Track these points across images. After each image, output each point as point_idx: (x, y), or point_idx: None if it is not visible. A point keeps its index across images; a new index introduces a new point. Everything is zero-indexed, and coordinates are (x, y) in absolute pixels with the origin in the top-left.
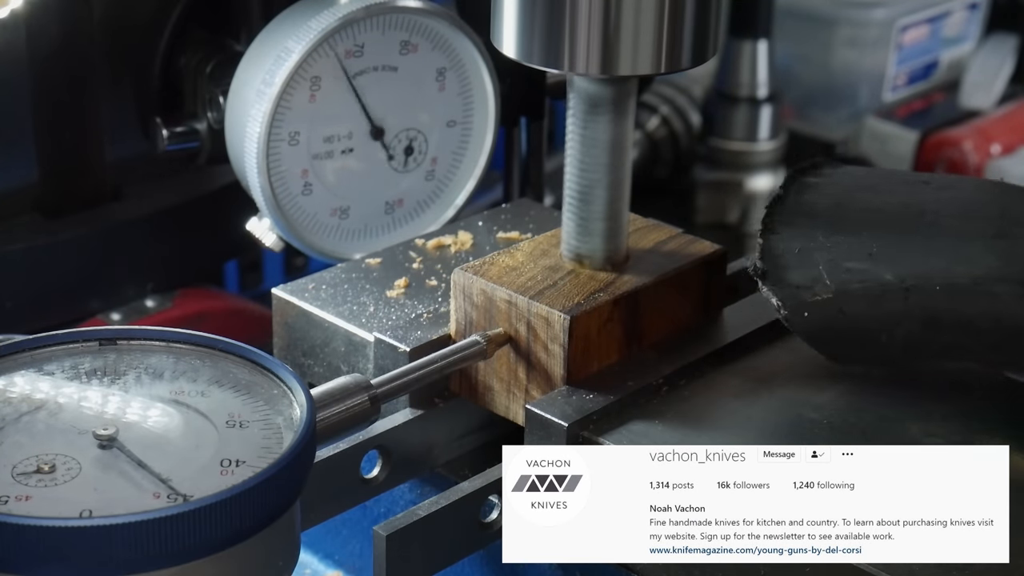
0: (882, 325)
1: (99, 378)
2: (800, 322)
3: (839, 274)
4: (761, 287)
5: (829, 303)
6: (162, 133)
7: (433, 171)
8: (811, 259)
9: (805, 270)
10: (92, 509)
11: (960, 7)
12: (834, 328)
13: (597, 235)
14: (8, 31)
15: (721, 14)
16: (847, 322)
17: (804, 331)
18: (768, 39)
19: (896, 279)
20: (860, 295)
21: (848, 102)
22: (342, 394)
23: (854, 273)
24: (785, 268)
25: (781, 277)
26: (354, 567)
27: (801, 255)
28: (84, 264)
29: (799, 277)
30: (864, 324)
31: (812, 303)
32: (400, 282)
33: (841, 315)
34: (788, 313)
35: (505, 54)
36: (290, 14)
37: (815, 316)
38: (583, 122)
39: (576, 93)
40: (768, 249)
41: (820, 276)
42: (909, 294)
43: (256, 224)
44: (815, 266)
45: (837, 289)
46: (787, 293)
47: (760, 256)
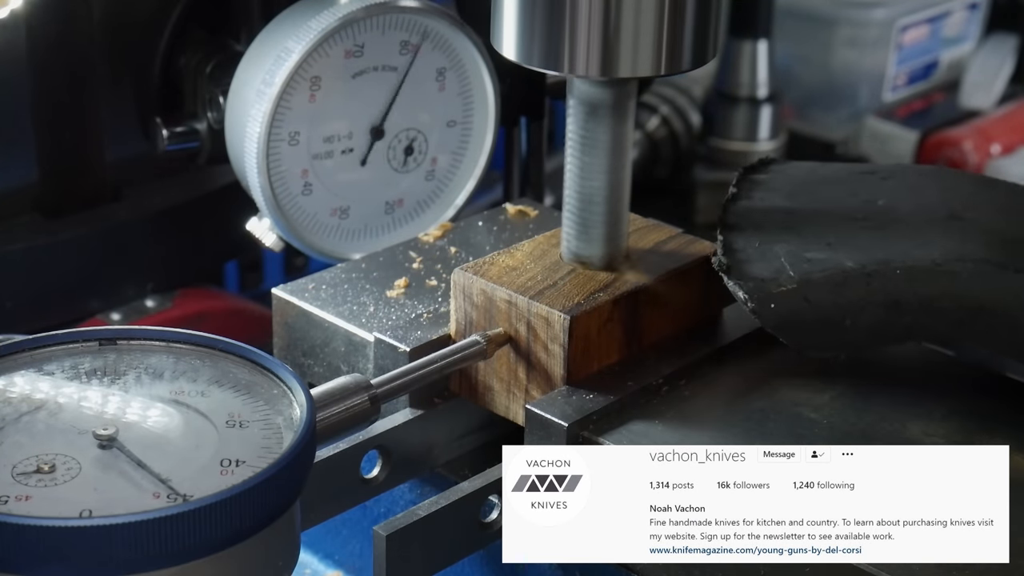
0: (846, 311)
1: (99, 378)
2: (767, 314)
3: (801, 264)
4: (727, 281)
5: (794, 293)
6: (162, 133)
7: (433, 171)
8: (771, 252)
9: (767, 263)
10: (92, 509)
11: (960, 7)
12: (800, 317)
13: (597, 237)
14: (8, 31)
15: (721, 16)
16: (812, 311)
17: (771, 322)
18: (768, 39)
19: (857, 265)
20: (823, 283)
21: (848, 102)
22: (342, 394)
23: (815, 263)
24: (747, 262)
25: (744, 271)
26: (354, 567)
27: (761, 248)
28: (84, 264)
29: (762, 270)
30: (829, 312)
31: (777, 294)
32: (400, 282)
33: (806, 304)
34: (755, 305)
35: (505, 56)
36: (290, 14)
37: (781, 307)
38: (583, 124)
39: (576, 95)
40: (728, 245)
41: (783, 267)
42: (871, 279)
43: (256, 224)
44: (776, 258)
45: (800, 279)
46: (753, 286)
47: (723, 252)
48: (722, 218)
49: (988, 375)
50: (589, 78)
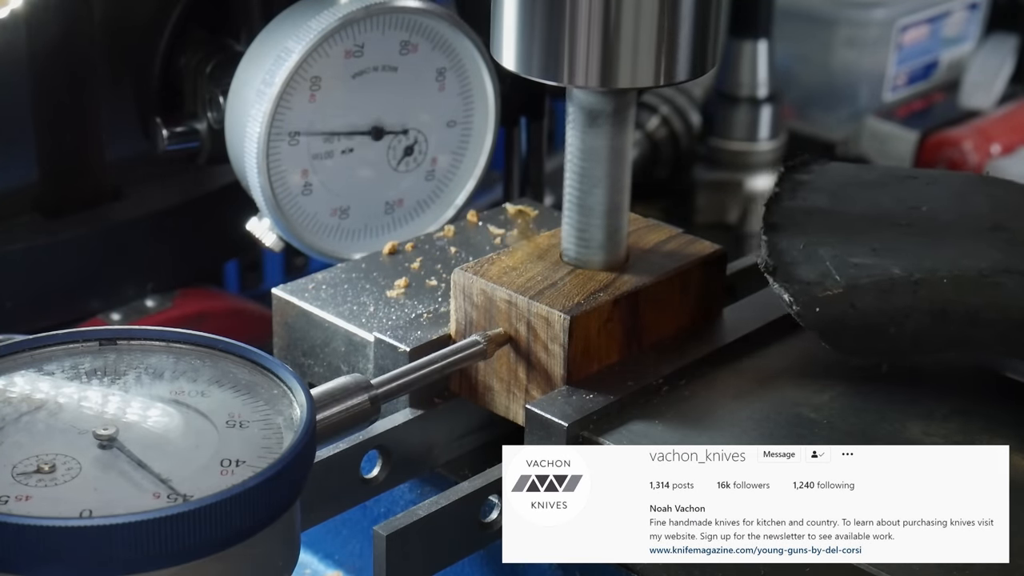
0: (891, 318)
1: (99, 378)
2: (812, 317)
3: (847, 269)
4: (772, 283)
5: (840, 298)
6: (162, 133)
7: (433, 171)
8: (816, 255)
9: (812, 266)
10: (92, 509)
11: (960, 7)
12: (845, 322)
13: (597, 242)
14: (8, 31)
15: (720, 26)
16: (857, 316)
17: (816, 326)
18: (768, 39)
19: (904, 273)
20: (870, 289)
21: (848, 102)
22: (342, 394)
23: (862, 268)
24: (792, 264)
25: (790, 273)
26: (354, 567)
27: (806, 251)
28: (84, 264)
29: (808, 273)
30: (874, 318)
31: (823, 298)
32: (400, 282)
33: (852, 309)
34: (800, 308)
35: (504, 66)
36: (290, 14)
37: (826, 311)
38: (582, 133)
39: (575, 104)
40: (773, 246)
41: (829, 271)
42: (918, 287)
43: (256, 224)
44: (822, 262)
45: (847, 284)
46: (798, 289)
47: (768, 253)
48: (766, 217)
49: (988, 375)
50: (588, 88)
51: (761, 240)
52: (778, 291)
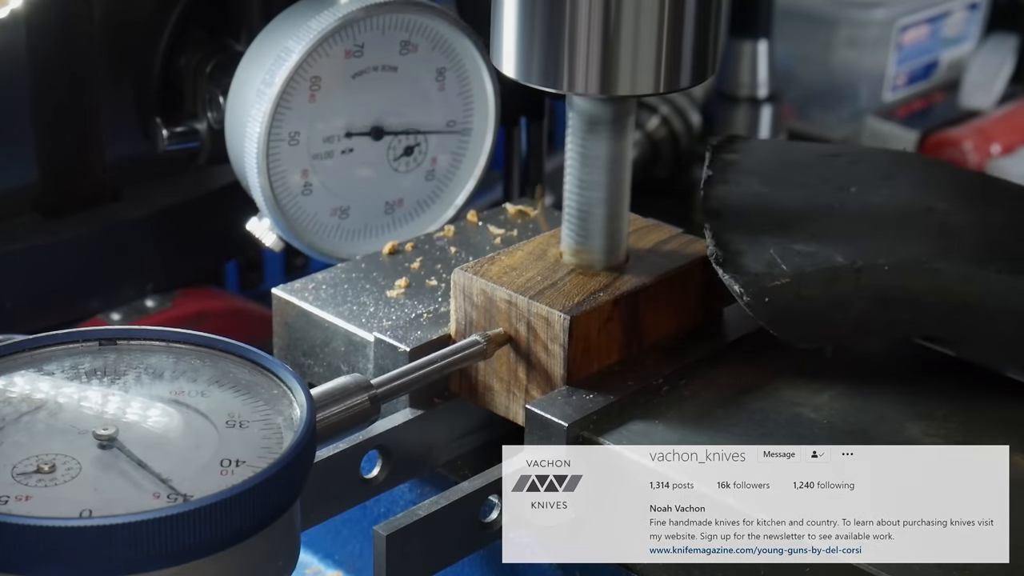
0: (835, 305)
1: (99, 378)
2: (761, 307)
3: (792, 258)
4: (722, 275)
5: (787, 288)
6: (162, 133)
7: (433, 171)
8: (759, 242)
9: (757, 255)
10: (92, 509)
11: (960, 7)
12: (792, 311)
13: (597, 243)
14: (8, 31)
15: (720, 33)
16: (804, 304)
17: (765, 316)
18: (768, 39)
19: (847, 261)
20: (815, 278)
21: (848, 102)
22: (342, 394)
23: (805, 256)
24: (738, 254)
25: (738, 264)
26: (354, 567)
27: (749, 239)
28: (84, 264)
29: (755, 263)
30: (819, 305)
31: (772, 288)
32: (400, 282)
33: (798, 298)
34: (750, 299)
35: (505, 73)
36: (290, 14)
37: (775, 301)
38: (582, 140)
39: (575, 111)
40: (718, 236)
41: (775, 260)
42: (860, 275)
43: (256, 224)
44: (766, 250)
45: (793, 273)
46: (748, 280)
47: (715, 243)
48: (704, 204)
49: (988, 375)
50: (588, 96)
51: (705, 229)
52: (728, 282)
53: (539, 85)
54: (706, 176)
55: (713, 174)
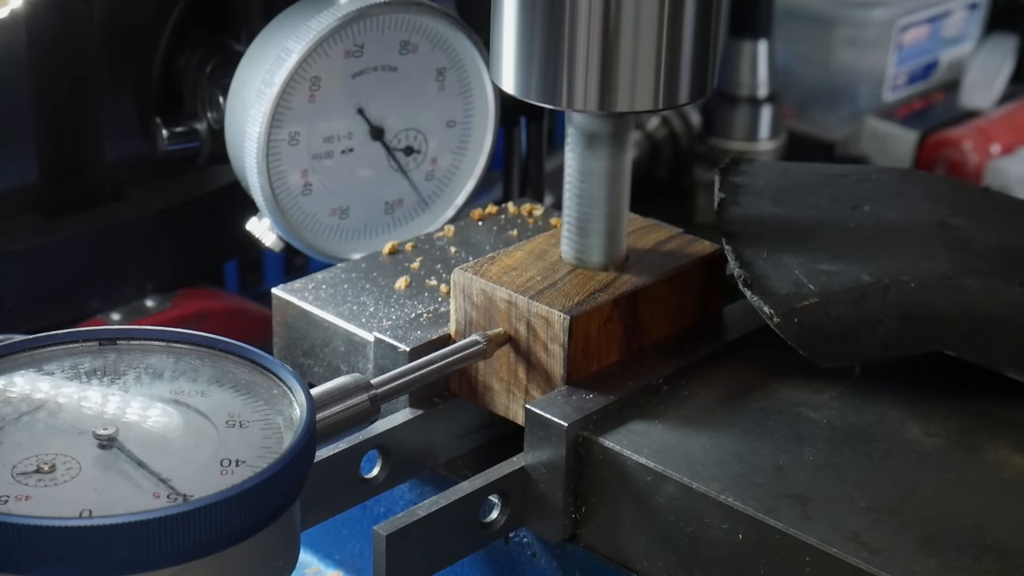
0: (863, 323)
1: (99, 378)
2: (791, 328)
3: (817, 277)
4: (751, 296)
5: (817, 307)
6: (162, 133)
7: (433, 171)
8: (782, 263)
9: (783, 276)
10: (92, 509)
11: (960, 7)
12: (822, 330)
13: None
14: (8, 31)
15: (718, 49)
16: (833, 324)
17: (795, 336)
18: (768, 39)
19: (873, 279)
20: (844, 297)
21: (848, 102)
22: (342, 394)
23: (832, 276)
24: (763, 276)
25: (765, 286)
26: (354, 567)
27: (771, 260)
28: (84, 264)
29: (781, 285)
30: (847, 324)
31: (801, 308)
32: (400, 282)
33: (827, 317)
34: (780, 321)
35: (504, 89)
36: (290, 14)
37: (805, 321)
38: (581, 155)
39: (574, 127)
40: (740, 257)
41: (801, 281)
42: (888, 292)
43: (256, 224)
44: (790, 270)
45: (822, 292)
46: (777, 301)
47: (738, 264)
48: (721, 226)
49: (988, 375)
50: (587, 112)
51: (726, 250)
52: (757, 304)
53: (538, 101)
54: (719, 199)
55: (725, 196)
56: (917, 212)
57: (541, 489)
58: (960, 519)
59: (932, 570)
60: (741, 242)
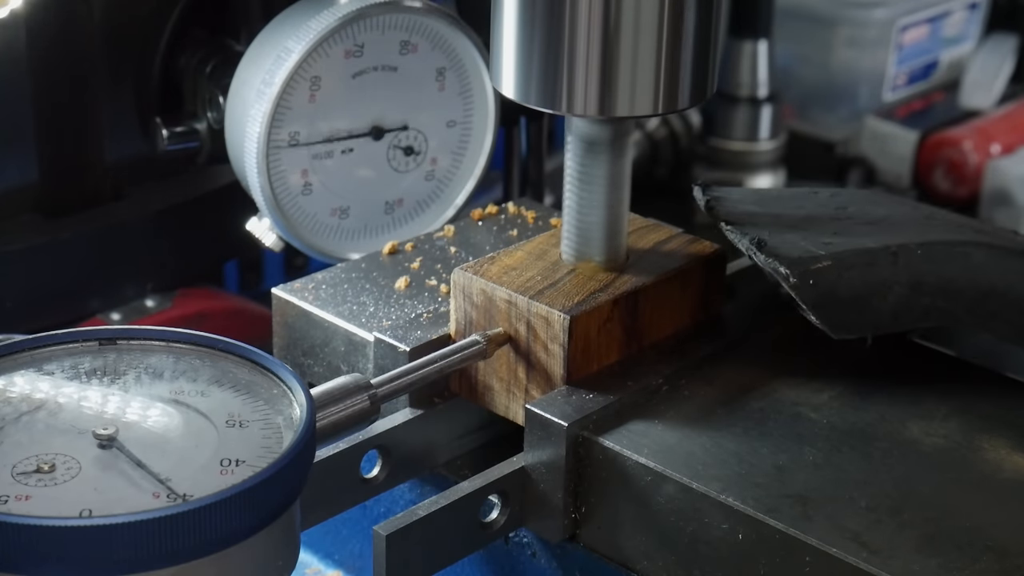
0: (875, 290)
1: (99, 378)
2: (807, 290)
3: (825, 247)
4: (763, 259)
5: (830, 270)
6: (162, 133)
7: (433, 171)
8: (787, 239)
9: (791, 246)
10: (92, 509)
11: (960, 7)
12: (835, 293)
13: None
14: (8, 31)
15: (718, 53)
16: (846, 287)
17: (811, 299)
18: (768, 39)
19: (881, 245)
20: (855, 260)
21: (848, 102)
22: (342, 394)
23: (837, 245)
24: (775, 246)
25: (778, 252)
26: (354, 567)
27: (775, 238)
28: (84, 264)
29: (791, 251)
30: (859, 290)
31: (816, 270)
32: (400, 282)
33: (840, 280)
34: (797, 280)
35: (504, 94)
36: (290, 14)
37: (819, 283)
38: (581, 159)
39: (574, 132)
40: (743, 234)
41: (810, 249)
42: (896, 258)
43: (256, 224)
44: (796, 244)
45: (833, 256)
46: (792, 261)
47: (746, 237)
48: (716, 218)
49: (988, 375)
50: (587, 117)
51: (727, 231)
52: (771, 265)
53: (538, 106)
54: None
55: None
56: (902, 209)
57: (541, 489)
58: (960, 519)
59: (932, 570)
60: (741, 227)
